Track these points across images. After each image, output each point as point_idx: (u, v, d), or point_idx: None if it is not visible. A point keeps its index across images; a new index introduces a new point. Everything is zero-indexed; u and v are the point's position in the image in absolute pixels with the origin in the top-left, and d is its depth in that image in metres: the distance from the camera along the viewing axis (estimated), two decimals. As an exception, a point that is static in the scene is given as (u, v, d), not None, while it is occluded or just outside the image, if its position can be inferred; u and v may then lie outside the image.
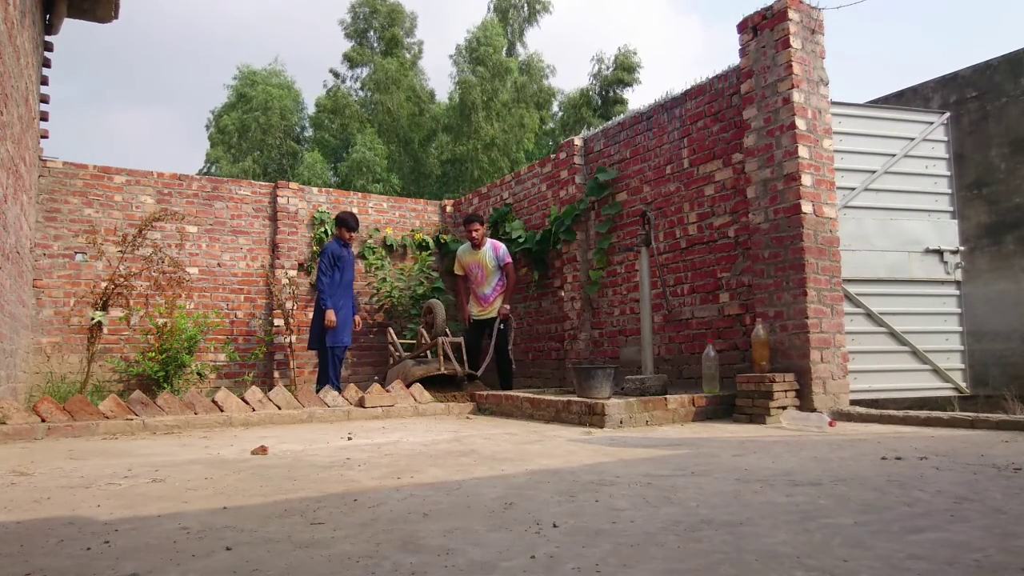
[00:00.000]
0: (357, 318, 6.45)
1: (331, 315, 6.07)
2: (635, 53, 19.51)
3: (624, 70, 19.35)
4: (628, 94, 19.60)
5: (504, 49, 19.04)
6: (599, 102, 19.58)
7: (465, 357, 6.12)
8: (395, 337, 6.64)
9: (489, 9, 20.42)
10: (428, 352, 6.35)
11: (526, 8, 20.53)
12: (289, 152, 20.59)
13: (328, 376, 6.14)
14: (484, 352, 6.25)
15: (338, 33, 34.76)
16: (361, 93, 20.06)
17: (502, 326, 6.24)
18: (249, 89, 20.64)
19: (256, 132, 20.04)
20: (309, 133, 21.91)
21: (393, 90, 18.39)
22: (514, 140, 17.96)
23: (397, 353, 6.51)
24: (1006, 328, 6.07)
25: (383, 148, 18.00)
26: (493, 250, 6.31)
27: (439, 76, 49.99)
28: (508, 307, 6.29)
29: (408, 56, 19.98)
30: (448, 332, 6.48)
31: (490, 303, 6.32)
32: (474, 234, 6.25)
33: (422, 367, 5.99)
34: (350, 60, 19.95)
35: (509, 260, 6.38)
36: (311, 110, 21.69)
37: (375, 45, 20.13)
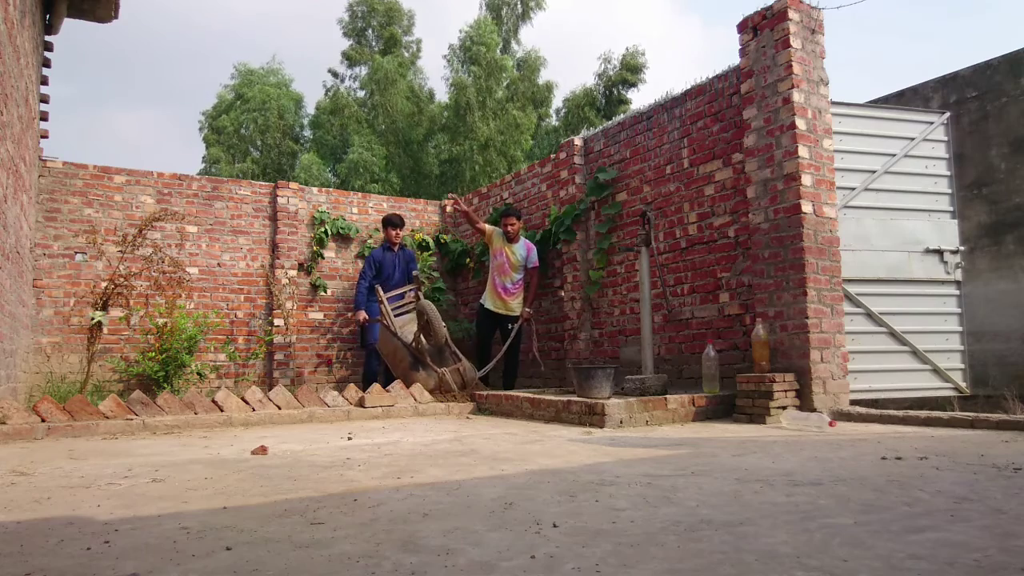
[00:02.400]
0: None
1: (361, 315, 6.63)
2: (643, 53, 19.38)
3: (629, 70, 19.25)
4: (633, 94, 19.53)
5: (499, 47, 18.95)
6: (603, 102, 19.51)
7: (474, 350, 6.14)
8: (385, 299, 6.42)
9: (482, 7, 20.28)
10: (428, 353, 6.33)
11: (519, 5, 20.43)
12: (288, 152, 20.56)
13: (371, 373, 6.69)
14: (495, 350, 6.34)
15: (337, 32, 34.71)
16: (360, 93, 20.05)
17: (521, 327, 6.34)
18: (247, 89, 20.62)
19: (254, 132, 20.02)
20: (308, 133, 21.89)
21: (391, 90, 18.36)
22: (511, 139, 17.89)
23: (391, 326, 6.30)
24: (1006, 328, 6.07)
25: (381, 148, 17.96)
26: (525, 250, 6.42)
27: (439, 76, 50.02)
28: (530, 311, 6.45)
29: (407, 55, 19.94)
30: (449, 333, 6.46)
31: (510, 297, 6.42)
32: (510, 228, 6.33)
33: (422, 374, 5.93)
34: (349, 59, 19.92)
35: (536, 264, 6.50)
36: (310, 109, 21.68)
37: (373, 44, 20.10)
